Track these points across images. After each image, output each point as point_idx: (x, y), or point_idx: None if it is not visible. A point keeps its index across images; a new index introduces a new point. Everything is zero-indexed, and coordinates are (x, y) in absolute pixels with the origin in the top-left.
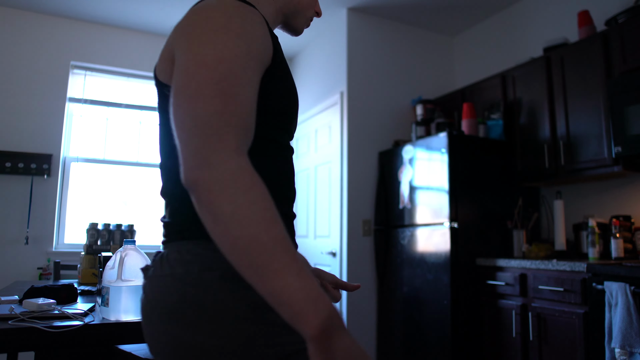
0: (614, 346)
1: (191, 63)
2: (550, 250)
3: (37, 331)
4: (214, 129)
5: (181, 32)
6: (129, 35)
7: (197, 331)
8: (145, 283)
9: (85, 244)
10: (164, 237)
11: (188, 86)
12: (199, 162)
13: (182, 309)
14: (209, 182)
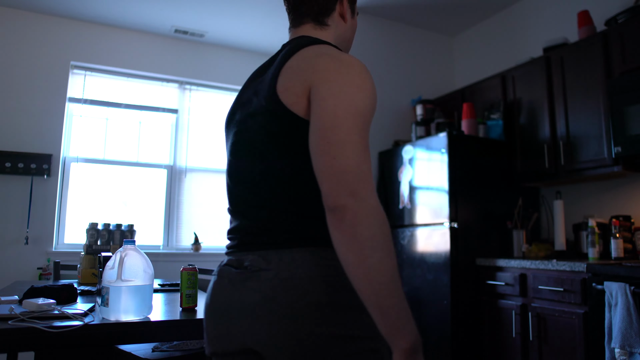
0: (613, 346)
1: (340, 110)
2: (550, 250)
3: (37, 331)
4: (361, 170)
5: (322, 76)
6: (129, 35)
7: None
8: (265, 283)
9: (85, 244)
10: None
11: (339, 129)
12: (350, 192)
13: (315, 311)
14: (356, 210)
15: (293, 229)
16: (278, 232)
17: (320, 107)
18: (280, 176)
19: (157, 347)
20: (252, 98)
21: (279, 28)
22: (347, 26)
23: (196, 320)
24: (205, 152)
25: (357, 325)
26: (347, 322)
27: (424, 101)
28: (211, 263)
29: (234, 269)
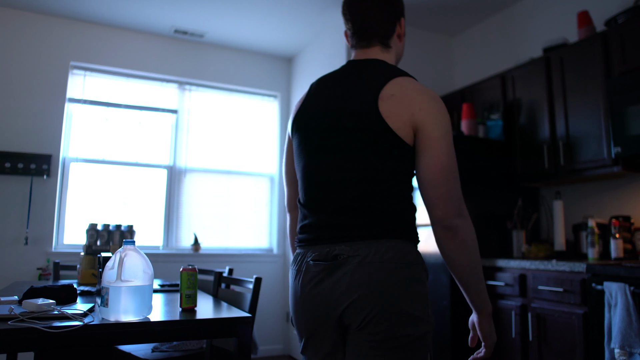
0: (613, 346)
1: (449, 151)
2: (550, 251)
3: (37, 331)
4: (461, 197)
5: (431, 118)
6: (128, 35)
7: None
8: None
9: (84, 244)
10: (353, 232)
11: (451, 168)
12: (458, 213)
13: (409, 284)
14: (464, 226)
15: (378, 225)
16: (365, 228)
17: (435, 148)
18: (373, 184)
19: (156, 348)
20: (342, 111)
21: (278, 28)
22: (402, 44)
23: (196, 321)
24: (205, 153)
25: (422, 310)
26: (417, 305)
27: None
28: (211, 263)
29: (320, 261)
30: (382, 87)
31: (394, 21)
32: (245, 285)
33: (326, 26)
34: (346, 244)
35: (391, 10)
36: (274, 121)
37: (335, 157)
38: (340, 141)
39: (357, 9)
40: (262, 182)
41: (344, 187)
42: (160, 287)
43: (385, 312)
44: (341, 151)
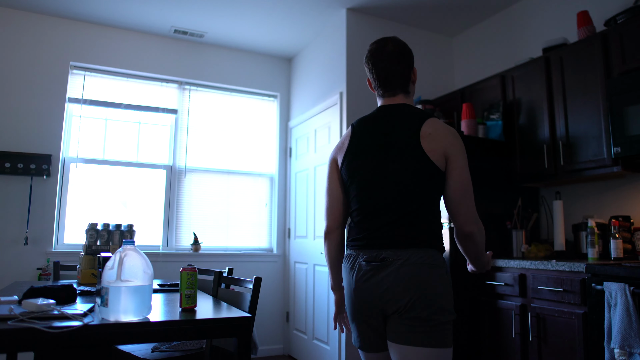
0: (613, 346)
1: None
2: (550, 251)
3: (37, 332)
4: (474, 208)
5: (457, 152)
6: (128, 35)
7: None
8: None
9: (84, 244)
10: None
11: (469, 189)
12: (473, 222)
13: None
14: (476, 231)
15: (415, 237)
16: (406, 238)
17: (459, 174)
18: (413, 205)
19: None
20: (386, 146)
21: (278, 28)
22: (414, 86)
23: (196, 321)
24: (205, 153)
25: (448, 302)
26: (445, 298)
27: (424, 101)
28: (211, 263)
29: (371, 262)
30: (420, 127)
31: (409, 71)
32: (245, 285)
33: (326, 26)
34: (391, 250)
35: (407, 63)
36: (273, 121)
37: (385, 183)
38: (389, 170)
39: (382, 66)
40: (262, 182)
41: (392, 207)
42: (160, 287)
43: (421, 302)
44: (389, 178)
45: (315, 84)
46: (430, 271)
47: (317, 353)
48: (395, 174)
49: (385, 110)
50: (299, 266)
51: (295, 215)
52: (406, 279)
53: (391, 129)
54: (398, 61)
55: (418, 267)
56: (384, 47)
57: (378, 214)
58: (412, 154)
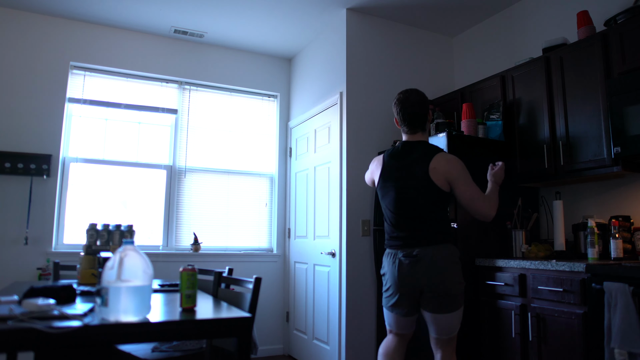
0: (613, 346)
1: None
2: (550, 251)
3: (37, 332)
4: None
5: (455, 173)
6: (128, 35)
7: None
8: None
9: (84, 244)
10: (420, 241)
11: (472, 194)
12: (489, 212)
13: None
14: (489, 216)
15: (434, 237)
16: (427, 239)
17: (462, 192)
18: (430, 216)
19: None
20: (411, 174)
21: (278, 28)
22: (430, 123)
23: (196, 321)
24: (205, 153)
25: (460, 279)
26: (457, 278)
27: None
28: (211, 263)
29: (405, 257)
30: (429, 162)
31: (426, 115)
32: (245, 285)
33: (326, 26)
34: (420, 248)
35: (425, 108)
36: (273, 121)
37: (407, 202)
38: (410, 193)
39: (408, 112)
40: (262, 182)
41: (415, 219)
42: (160, 287)
43: (443, 282)
44: (411, 201)
45: (315, 84)
46: (445, 260)
47: (317, 353)
48: (414, 197)
49: (409, 146)
50: (299, 266)
51: (295, 215)
52: (432, 267)
53: (411, 163)
54: (420, 108)
55: (437, 259)
56: (409, 97)
57: (406, 225)
58: (424, 183)
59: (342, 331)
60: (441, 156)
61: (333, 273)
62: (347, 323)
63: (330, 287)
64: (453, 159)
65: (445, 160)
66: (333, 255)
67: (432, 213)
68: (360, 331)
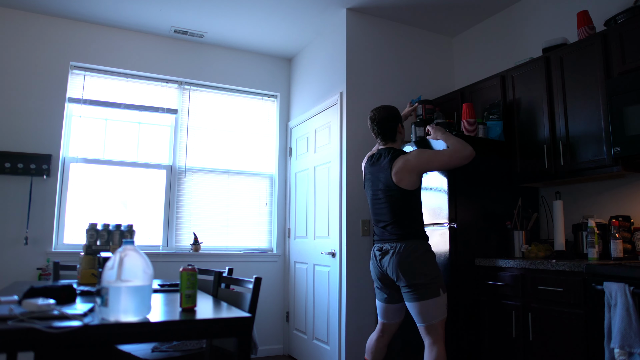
0: (613, 346)
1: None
2: (550, 251)
3: (37, 332)
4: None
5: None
6: (128, 35)
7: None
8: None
9: (84, 244)
10: (391, 237)
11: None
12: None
13: (417, 260)
14: (469, 155)
15: (400, 234)
16: (395, 235)
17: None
18: (397, 214)
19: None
20: (378, 179)
21: (278, 28)
22: (403, 133)
23: (196, 321)
24: (204, 153)
25: (426, 270)
26: (424, 268)
27: (424, 101)
28: (211, 263)
29: (378, 251)
30: (392, 167)
31: (395, 128)
32: (245, 285)
33: (326, 26)
34: (388, 243)
35: (393, 123)
36: (273, 121)
37: (378, 205)
38: (379, 197)
39: (377, 128)
40: (262, 182)
41: (385, 220)
42: (160, 287)
43: (405, 273)
44: (380, 202)
45: (315, 84)
46: (408, 254)
47: (317, 353)
48: (383, 198)
49: (379, 153)
50: (299, 266)
51: (295, 215)
52: (397, 260)
53: (380, 168)
54: (386, 123)
55: (400, 253)
56: (377, 115)
57: (379, 222)
58: (389, 187)
59: (342, 331)
60: (401, 157)
61: (333, 273)
62: (347, 323)
63: (330, 287)
64: (410, 153)
65: (404, 159)
66: (333, 255)
67: (397, 214)
68: (360, 331)
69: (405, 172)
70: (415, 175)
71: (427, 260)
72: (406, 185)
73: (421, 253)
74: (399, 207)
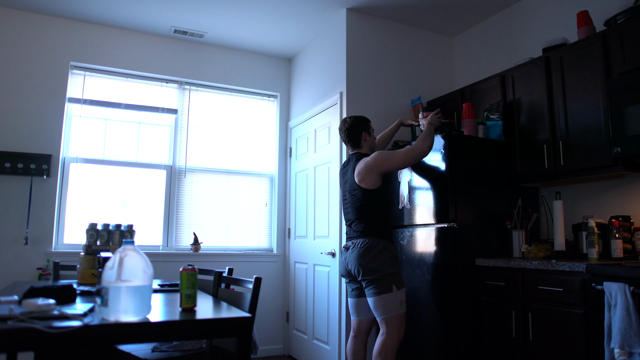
0: (613, 346)
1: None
2: (550, 251)
3: (37, 332)
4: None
5: (373, 160)
6: (128, 35)
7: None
8: (352, 249)
9: (84, 244)
10: (354, 234)
11: (390, 159)
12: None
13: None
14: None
15: (360, 232)
16: (356, 233)
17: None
18: (359, 213)
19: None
20: (346, 181)
21: (278, 28)
22: (371, 139)
23: (196, 321)
24: (205, 153)
25: (380, 267)
26: (378, 265)
27: (426, 103)
28: (211, 263)
29: (344, 247)
30: (355, 169)
31: (359, 136)
32: (245, 285)
33: (326, 26)
34: (350, 240)
35: (356, 130)
36: (273, 121)
37: (346, 202)
38: (346, 198)
39: (344, 134)
40: (262, 182)
41: (350, 215)
42: (160, 287)
43: (362, 268)
44: (349, 200)
45: (315, 84)
46: (363, 250)
47: (317, 353)
48: (349, 198)
49: (349, 157)
50: (299, 266)
51: (295, 215)
52: (353, 257)
53: (347, 171)
54: (351, 132)
55: (360, 248)
56: (343, 125)
57: (345, 219)
58: (353, 188)
59: (342, 331)
60: (363, 159)
61: (333, 273)
62: (347, 323)
63: (330, 287)
64: (370, 156)
65: (365, 161)
66: (333, 255)
67: (359, 213)
68: None
69: (365, 173)
70: (375, 175)
71: (383, 257)
72: (367, 185)
73: (378, 250)
74: (361, 206)
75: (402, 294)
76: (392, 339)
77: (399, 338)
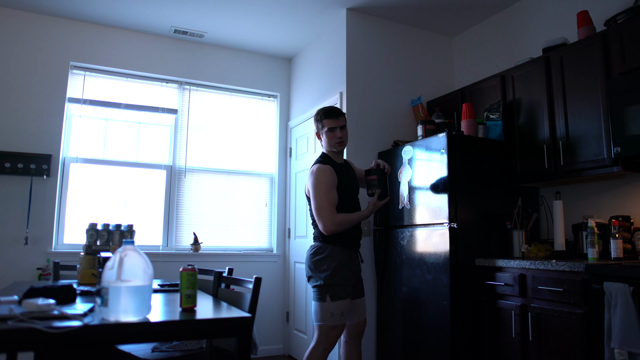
0: (613, 346)
1: (316, 206)
2: (550, 251)
3: (37, 332)
4: (332, 221)
5: (309, 186)
6: (128, 35)
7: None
8: (310, 251)
9: (84, 244)
10: (314, 238)
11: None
12: (332, 227)
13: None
14: (337, 229)
15: (315, 235)
16: (313, 236)
17: (312, 205)
18: (313, 217)
19: (156, 348)
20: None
21: (278, 28)
22: (323, 140)
23: (196, 321)
24: (204, 153)
25: (319, 274)
26: (318, 271)
27: (426, 102)
28: (211, 263)
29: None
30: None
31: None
32: (245, 285)
33: (326, 26)
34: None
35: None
36: (273, 121)
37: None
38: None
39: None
40: (262, 182)
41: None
42: (160, 287)
43: (308, 271)
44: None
45: (315, 84)
46: (312, 255)
47: None
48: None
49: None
50: (299, 266)
51: (295, 215)
52: (305, 260)
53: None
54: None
55: (307, 253)
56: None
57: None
58: (306, 194)
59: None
60: (310, 173)
61: None
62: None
63: None
64: (312, 173)
65: (309, 176)
66: None
67: (313, 219)
68: None
69: (306, 187)
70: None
71: (326, 265)
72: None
73: (323, 257)
74: (312, 211)
75: (337, 306)
76: (318, 347)
77: (326, 349)
